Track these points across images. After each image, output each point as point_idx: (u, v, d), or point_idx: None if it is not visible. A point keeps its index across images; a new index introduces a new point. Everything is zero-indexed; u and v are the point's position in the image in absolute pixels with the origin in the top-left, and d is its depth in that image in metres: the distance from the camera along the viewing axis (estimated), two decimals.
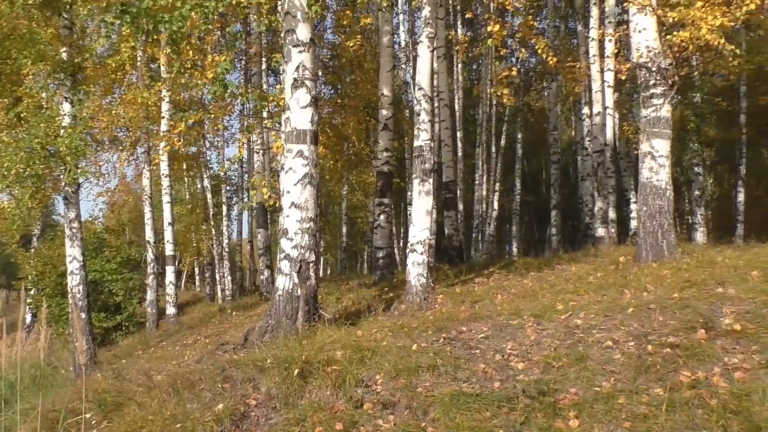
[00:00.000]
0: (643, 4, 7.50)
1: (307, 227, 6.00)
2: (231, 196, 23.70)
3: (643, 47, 7.59)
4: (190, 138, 16.24)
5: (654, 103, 7.52)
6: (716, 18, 7.09)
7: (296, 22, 6.13)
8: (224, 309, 13.79)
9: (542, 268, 8.39)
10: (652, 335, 4.07)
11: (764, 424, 2.83)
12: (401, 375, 3.99)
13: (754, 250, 7.29)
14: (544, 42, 10.71)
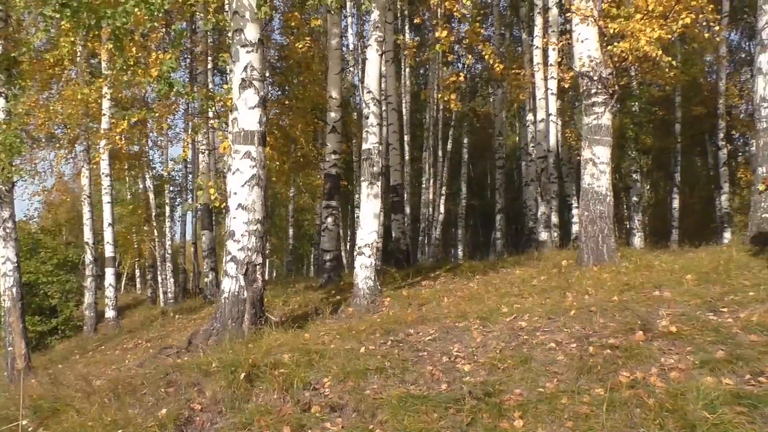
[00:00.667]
0: (586, 15, 7.72)
1: (255, 229, 5.93)
2: (175, 196, 23.23)
3: (585, 57, 7.80)
4: (133, 137, 15.82)
5: (595, 111, 7.73)
6: (654, 30, 7.35)
7: (245, 22, 6.06)
8: (167, 312, 13.49)
9: (487, 271, 8.52)
10: (593, 337, 4.18)
11: (698, 422, 2.94)
12: (349, 378, 3.99)
13: (688, 255, 7.57)
14: (491, 49, 10.88)
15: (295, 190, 21.54)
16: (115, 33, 5.88)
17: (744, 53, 21.31)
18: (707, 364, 3.49)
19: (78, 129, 14.51)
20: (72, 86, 13.47)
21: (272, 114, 13.41)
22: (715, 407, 3.00)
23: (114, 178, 15.49)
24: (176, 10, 12.16)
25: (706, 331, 3.93)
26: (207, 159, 14.40)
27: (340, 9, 12.67)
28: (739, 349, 3.60)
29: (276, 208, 26.42)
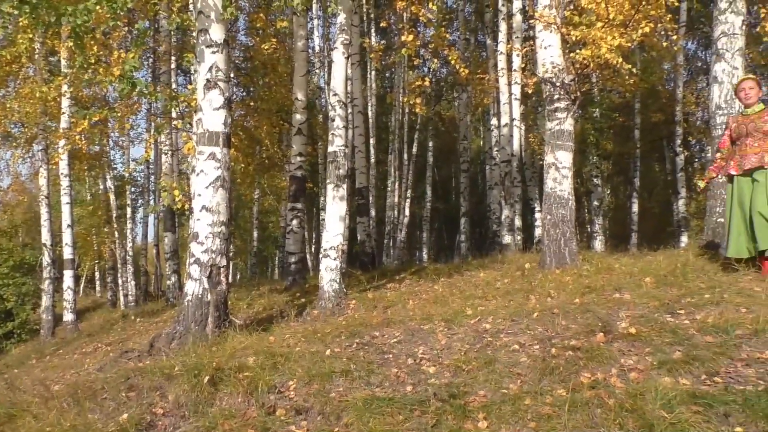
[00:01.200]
0: (549, 22, 7.84)
1: (219, 231, 5.88)
2: (136, 198, 22.84)
3: (548, 63, 7.91)
4: (93, 137, 15.51)
5: (558, 117, 7.85)
6: (615, 38, 7.50)
7: (210, 22, 6.01)
8: (127, 315, 13.24)
9: (452, 274, 8.58)
10: (555, 339, 4.24)
11: (656, 422, 3.00)
12: (314, 380, 3.97)
13: (646, 258, 7.73)
14: (456, 54, 10.98)
15: (260, 192, 21.39)
16: (76, 31, 5.77)
17: (700, 62, 21.96)
18: (665, 365, 3.56)
19: (36, 128, 14.17)
20: (30, 84, 13.15)
21: (237, 115, 13.29)
22: (672, 407, 3.07)
23: (73, 178, 15.18)
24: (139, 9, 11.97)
25: (664, 333, 4.02)
26: (170, 160, 14.20)
27: (306, 11, 12.63)
28: (695, 350, 3.69)
29: (240, 209, 26.19)
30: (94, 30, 9.21)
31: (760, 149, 5.66)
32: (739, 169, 5.77)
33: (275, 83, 14.08)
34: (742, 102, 5.92)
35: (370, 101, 19.14)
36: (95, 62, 10.47)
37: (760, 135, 5.68)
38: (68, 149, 13.39)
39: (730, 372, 3.42)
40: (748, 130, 5.76)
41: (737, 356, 3.58)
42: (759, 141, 5.69)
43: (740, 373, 3.39)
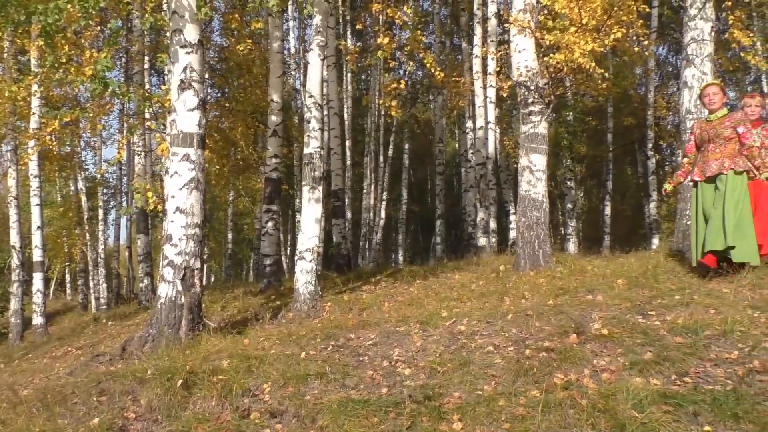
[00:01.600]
0: (523, 27, 7.92)
1: (193, 233, 5.83)
2: (108, 199, 22.50)
3: (522, 66, 7.98)
4: (64, 137, 15.26)
5: (532, 120, 7.92)
6: (588, 43, 7.61)
7: (184, 23, 5.96)
8: (99, 318, 13.04)
9: (428, 276, 8.61)
10: (529, 340, 4.28)
11: (628, 421, 3.04)
12: (289, 383, 3.96)
13: (619, 260, 7.83)
14: (432, 57, 11.04)
15: (235, 193, 21.24)
16: (47, 30, 5.69)
17: (671, 67, 22.32)
18: (636, 366, 3.62)
19: (5, 128, 13.89)
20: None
21: (212, 116, 13.21)
22: (643, 407, 3.12)
23: (44, 179, 14.92)
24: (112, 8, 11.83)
25: (635, 334, 4.08)
26: (143, 161, 14.03)
27: (281, 12, 12.59)
28: (665, 351, 3.75)
29: (215, 211, 25.98)
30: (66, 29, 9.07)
31: (721, 155, 5.72)
32: (702, 176, 5.83)
33: (250, 84, 14.02)
34: (706, 107, 5.97)
35: (346, 103, 19.13)
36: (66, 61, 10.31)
37: (721, 141, 5.74)
38: (38, 150, 13.16)
39: (699, 372, 3.49)
40: (710, 136, 5.81)
41: (706, 356, 3.65)
42: (720, 147, 5.75)
43: (709, 373, 3.46)
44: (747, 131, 5.68)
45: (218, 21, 15.47)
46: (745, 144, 5.66)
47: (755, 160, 5.64)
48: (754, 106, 6.38)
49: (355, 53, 15.62)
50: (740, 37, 9.31)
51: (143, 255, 14.40)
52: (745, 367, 3.45)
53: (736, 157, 5.68)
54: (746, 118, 5.90)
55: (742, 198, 5.62)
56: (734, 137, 5.71)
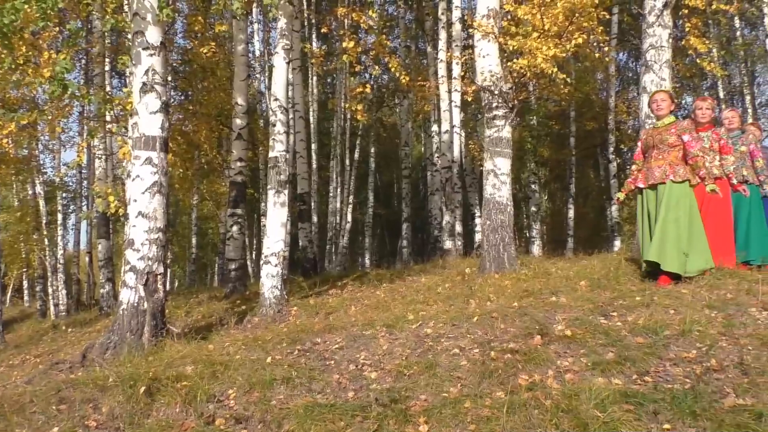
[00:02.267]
0: (487, 32, 8.00)
1: (156, 238, 5.74)
2: (68, 203, 22.02)
3: (486, 71, 8.07)
4: (21, 140, 14.87)
5: (496, 124, 8.01)
6: (550, 49, 7.72)
7: (146, 24, 5.87)
8: (58, 325, 12.74)
9: (394, 279, 8.62)
10: (494, 342, 4.32)
11: (590, 421, 3.09)
12: (255, 388, 3.92)
13: (582, 262, 7.97)
14: (397, 61, 11.08)
15: (199, 197, 20.97)
16: (3, 30, 5.55)
17: (631, 72, 22.81)
18: (599, 366, 3.68)
19: None
20: None
21: (175, 119, 13.03)
22: (605, 406, 3.17)
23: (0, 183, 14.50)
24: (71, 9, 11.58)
25: (597, 335, 4.15)
26: (104, 164, 13.77)
27: (246, 15, 12.50)
28: (627, 351, 3.83)
29: (178, 215, 25.62)
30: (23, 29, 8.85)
31: (664, 162, 5.75)
32: (645, 182, 5.88)
33: (214, 87, 13.87)
34: (654, 113, 6.02)
35: (311, 106, 19.07)
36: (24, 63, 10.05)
37: (665, 147, 5.76)
38: None
39: (659, 371, 3.57)
40: (654, 142, 5.85)
41: (666, 356, 3.74)
42: (663, 153, 5.77)
43: (668, 372, 3.54)
44: (692, 140, 5.71)
45: (181, 23, 15.29)
46: (690, 152, 5.69)
47: (700, 170, 5.66)
48: (705, 108, 6.44)
49: (321, 57, 15.59)
50: (696, 44, 9.56)
51: (104, 260, 14.12)
52: (703, 365, 3.54)
53: (678, 165, 5.71)
54: (692, 126, 5.92)
55: (688, 210, 5.65)
56: (678, 144, 5.74)
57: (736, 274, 5.47)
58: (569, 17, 7.88)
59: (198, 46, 13.07)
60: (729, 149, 6.31)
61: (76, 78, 15.54)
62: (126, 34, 9.31)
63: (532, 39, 7.78)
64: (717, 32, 19.87)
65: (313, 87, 19.65)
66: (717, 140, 6.32)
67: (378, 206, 23.29)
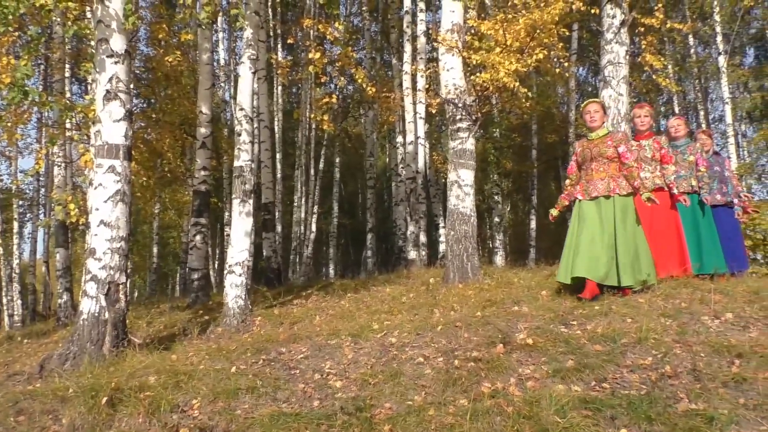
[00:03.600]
0: (451, 46, 8.14)
1: (118, 247, 5.67)
2: (24, 211, 21.49)
3: (450, 84, 8.19)
4: None
5: (460, 136, 8.13)
6: (512, 63, 7.88)
7: (110, 32, 5.82)
8: (13, 336, 12.36)
9: (359, 289, 8.65)
10: (458, 351, 4.38)
11: (551, 426, 3.17)
12: (219, 398, 3.91)
13: (543, 272, 8.11)
14: (363, 73, 11.15)
15: (161, 206, 20.68)
16: None
17: (590, 87, 23.34)
18: (559, 373, 3.77)
19: None
20: None
21: (137, 127, 12.85)
22: (565, 412, 3.26)
23: None
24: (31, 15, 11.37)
25: (558, 343, 4.26)
26: (63, 172, 13.50)
27: (211, 24, 12.45)
28: (586, 358, 3.93)
29: (139, 225, 25.19)
30: None
31: (606, 174, 5.69)
32: (586, 195, 5.78)
33: (178, 95, 13.73)
34: (588, 125, 5.89)
35: (276, 116, 19.03)
36: None
37: (604, 160, 5.68)
38: None
39: (616, 378, 3.68)
40: (592, 155, 5.75)
41: (623, 363, 3.85)
42: (604, 166, 5.70)
43: (625, 379, 3.65)
44: (627, 151, 5.67)
45: (144, 30, 15.11)
46: (625, 164, 5.65)
47: (634, 180, 5.62)
48: (643, 116, 6.42)
49: (286, 67, 15.58)
50: (652, 60, 9.85)
51: (62, 270, 13.79)
52: (658, 372, 3.67)
53: (620, 177, 5.68)
54: (627, 137, 5.91)
55: (634, 226, 5.63)
56: (616, 156, 5.68)
57: (690, 284, 5.65)
58: (531, 33, 8.05)
59: (163, 55, 12.94)
60: (670, 158, 6.30)
61: (35, 84, 15.24)
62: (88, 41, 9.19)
63: (494, 54, 7.93)
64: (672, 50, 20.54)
65: (278, 96, 19.63)
66: (658, 150, 6.31)
67: (342, 216, 23.29)
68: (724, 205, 6.89)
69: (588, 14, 9.45)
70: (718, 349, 3.93)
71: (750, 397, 3.29)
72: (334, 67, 15.19)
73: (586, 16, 10.46)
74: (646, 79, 17.50)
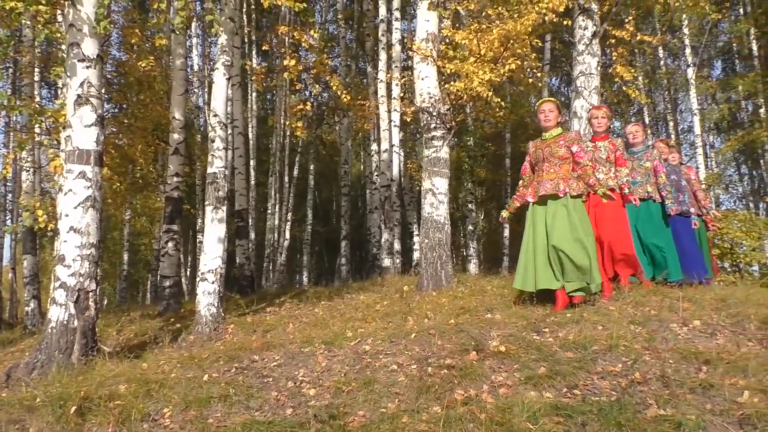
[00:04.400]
0: (426, 55, 8.20)
1: (88, 254, 5.59)
2: None
3: (425, 93, 8.25)
4: None
5: (435, 145, 8.18)
6: (486, 73, 7.97)
7: (82, 36, 5.75)
8: None
9: (333, 297, 8.63)
10: (432, 358, 4.40)
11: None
12: (191, 406, 3.87)
13: None
14: (338, 80, 11.17)
15: (132, 212, 20.41)
16: None
17: (563, 97, 23.64)
18: (531, 380, 3.81)
19: None
20: None
21: (109, 132, 12.69)
22: (537, 418, 3.29)
23: None
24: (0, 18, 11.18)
25: (530, 350, 4.29)
26: (32, 177, 13.26)
27: (185, 29, 12.38)
28: (557, 365, 3.97)
29: (109, 231, 24.82)
30: None
31: (556, 175, 5.55)
32: (536, 196, 5.63)
33: (151, 101, 13.60)
34: (542, 125, 5.78)
35: (251, 123, 18.94)
36: None
37: (556, 160, 5.56)
38: None
39: (587, 384, 3.72)
40: (544, 155, 5.63)
41: (594, 370, 3.90)
42: (555, 167, 5.57)
43: (596, 386, 3.70)
44: (581, 150, 5.57)
45: (117, 34, 14.95)
46: (579, 162, 5.53)
47: (589, 178, 5.52)
48: (601, 117, 6.41)
49: (261, 73, 15.53)
50: (623, 72, 10.04)
51: (30, 277, 13.53)
52: (628, 378, 3.72)
53: (571, 178, 5.54)
54: (580, 136, 5.78)
55: (585, 228, 5.43)
56: (569, 157, 5.56)
57: (659, 292, 5.75)
58: (504, 43, 8.16)
59: (135, 60, 12.81)
60: (624, 161, 6.25)
61: (3, 87, 14.97)
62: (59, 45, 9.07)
63: (468, 63, 8.01)
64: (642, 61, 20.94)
65: (252, 103, 19.55)
66: (614, 151, 6.25)
67: (317, 224, 23.21)
68: (680, 214, 6.95)
69: (560, 26, 9.60)
70: (686, 355, 4.00)
71: (717, 403, 3.35)
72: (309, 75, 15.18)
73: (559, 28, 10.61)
74: (617, 89, 17.78)
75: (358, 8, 19.58)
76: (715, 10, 11.46)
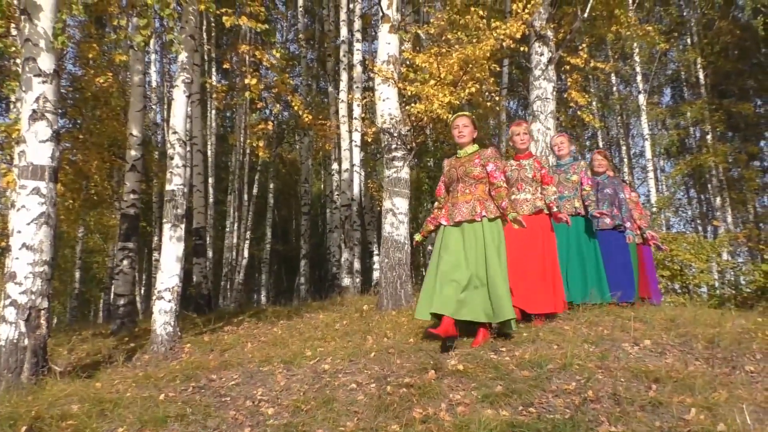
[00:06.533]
0: (387, 77, 8.32)
1: (41, 271, 5.46)
2: None
3: (386, 114, 8.35)
4: None
5: (395, 165, 8.27)
6: (445, 95, 8.11)
7: (38, 51, 5.67)
8: None
9: (292, 316, 8.59)
10: (390, 377, 4.42)
11: None
12: (147, 426, 3.80)
13: None
14: (299, 100, 11.21)
15: (85, 229, 19.96)
16: None
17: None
18: (488, 398, 3.86)
19: None
20: None
21: (63, 148, 12.43)
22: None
23: None
24: None
25: (487, 369, 4.36)
26: None
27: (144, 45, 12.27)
28: (514, 384, 4.04)
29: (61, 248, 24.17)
30: None
31: (472, 197, 5.10)
32: (450, 220, 5.15)
33: (107, 116, 13.39)
34: (456, 141, 5.31)
35: (210, 140, 18.81)
36: None
37: (471, 180, 5.11)
38: None
39: (542, 402, 3.80)
40: (458, 175, 5.18)
41: (549, 388, 3.98)
42: (470, 187, 5.12)
43: (551, 403, 3.78)
44: (496, 169, 5.11)
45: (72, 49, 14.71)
46: (493, 183, 5.09)
47: (502, 200, 5.05)
48: (522, 134, 6.05)
49: (222, 91, 15.46)
50: (577, 97, 10.34)
51: None
52: (581, 396, 3.81)
53: (487, 200, 5.10)
54: (496, 154, 5.22)
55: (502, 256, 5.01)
56: (484, 177, 5.12)
57: (612, 312, 5.91)
58: (464, 67, 8.33)
59: (93, 75, 12.61)
60: (550, 179, 5.96)
61: None
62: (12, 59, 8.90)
63: (429, 86, 8.14)
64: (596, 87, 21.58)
65: (211, 120, 19.43)
66: (539, 169, 5.96)
67: (276, 242, 23.08)
68: (613, 229, 6.79)
69: (518, 51, 9.86)
70: (636, 374, 4.11)
71: (665, 420, 3.46)
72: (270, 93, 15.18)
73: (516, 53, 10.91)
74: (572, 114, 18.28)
75: (319, 28, 19.72)
76: (664, 39, 11.94)
